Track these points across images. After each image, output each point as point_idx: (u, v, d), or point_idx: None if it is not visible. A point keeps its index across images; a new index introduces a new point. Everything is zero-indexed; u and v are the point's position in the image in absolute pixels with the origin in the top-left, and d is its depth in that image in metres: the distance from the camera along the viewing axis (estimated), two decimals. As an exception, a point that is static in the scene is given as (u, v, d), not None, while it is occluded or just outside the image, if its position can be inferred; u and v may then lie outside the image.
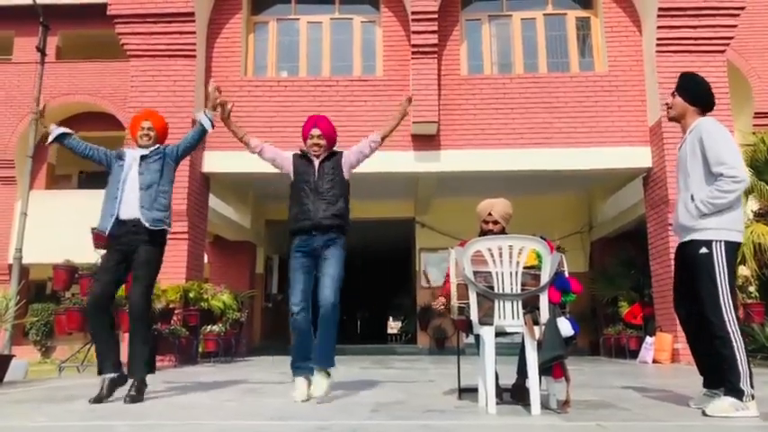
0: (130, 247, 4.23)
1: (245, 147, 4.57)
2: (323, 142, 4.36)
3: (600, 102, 9.96)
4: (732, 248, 3.35)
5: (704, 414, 3.23)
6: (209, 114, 4.64)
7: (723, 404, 3.20)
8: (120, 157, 4.44)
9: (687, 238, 3.45)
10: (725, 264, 3.30)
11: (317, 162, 4.32)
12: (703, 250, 3.33)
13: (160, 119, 4.68)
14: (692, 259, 3.40)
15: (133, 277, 4.25)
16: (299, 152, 4.47)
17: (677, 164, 3.65)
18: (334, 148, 4.50)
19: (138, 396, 3.98)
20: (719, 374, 3.35)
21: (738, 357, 3.19)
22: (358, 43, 10.78)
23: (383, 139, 4.50)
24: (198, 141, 4.71)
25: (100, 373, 4.10)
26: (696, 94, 3.59)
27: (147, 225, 4.23)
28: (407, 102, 4.51)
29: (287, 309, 4.27)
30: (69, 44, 16.07)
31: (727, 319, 3.23)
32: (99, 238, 6.59)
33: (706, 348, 3.45)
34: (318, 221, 4.13)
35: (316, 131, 4.36)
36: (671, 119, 3.69)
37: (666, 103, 3.71)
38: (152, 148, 4.51)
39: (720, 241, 3.31)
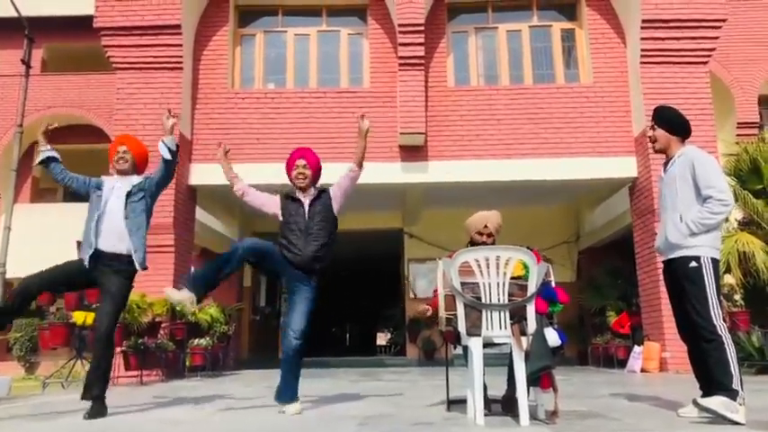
0: (101, 275, 4.21)
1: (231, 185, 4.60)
2: (308, 172, 4.43)
3: (585, 112, 10.05)
4: (717, 264, 3.59)
5: (694, 403, 3.40)
6: (168, 142, 4.45)
7: (715, 400, 3.30)
8: (99, 187, 4.39)
9: (675, 255, 3.64)
10: (712, 275, 3.52)
11: (306, 203, 4.37)
12: (693, 264, 3.54)
13: (137, 144, 4.64)
14: (683, 273, 3.59)
15: (104, 299, 4.22)
16: (285, 194, 4.49)
17: (662, 186, 3.89)
18: (319, 184, 4.56)
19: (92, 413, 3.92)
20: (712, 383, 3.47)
21: (730, 360, 3.38)
22: (345, 55, 10.81)
23: (359, 165, 4.52)
24: (167, 173, 4.53)
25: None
26: (676, 125, 3.81)
27: (137, 266, 4.29)
28: (362, 120, 4.51)
29: (276, 323, 4.27)
30: (54, 57, 15.99)
31: (717, 324, 3.43)
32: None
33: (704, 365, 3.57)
34: (308, 262, 4.19)
35: (301, 162, 4.43)
36: (657, 151, 3.92)
37: (650, 137, 3.94)
38: (135, 183, 4.43)
39: (707, 257, 3.54)
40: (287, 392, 4.10)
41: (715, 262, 3.58)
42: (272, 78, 10.82)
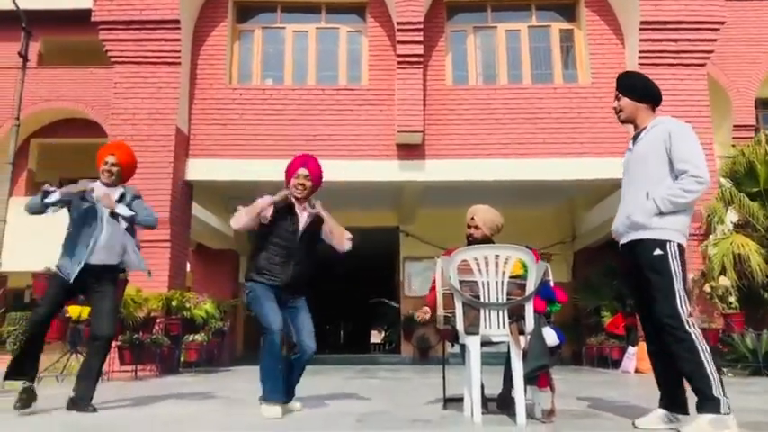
0: (88, 285, 4.15)
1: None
2: (309, 183, 4.14)
3: (583, 113, 10.07)
4: (682, 252, 3.17)
5: None
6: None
7: (700, 424, 2.87)
8: (85, 198, 4.14)
9: (637, 237, 3.21)
10: (678, 265, 3.10)
11: (302, 223, 4.09)
12: (657, 252, 3.12)
13: (127, 153, 4.41)
14: (646, 261, 3.16)
15: (101, 304, 4.14)
16: (283, 199, 4.12)
17: (627, 161, 3.45)
18: (317, 208, 4.17)
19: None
20: (683, 398, 3.18)
21: (705, 361, 2.92)
22: (344, 53, 10.80)
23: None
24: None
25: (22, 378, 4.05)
26: (641, 90, 3.40)
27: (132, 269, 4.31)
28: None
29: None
30: (51, 50, 15.91)
31: (685, 320, 3.01)
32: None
33: (671, 365, 3.17)
34: (287, 284, 4.01)
35: (303, 171, 4.13)
36: (623, 121, 3.48)
37: (614, 108, 3.47)
38: (128, 202, 4.31)
39: (673, 242, 3.13)
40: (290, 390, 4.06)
41: (681, 248, 3.15)
42: (270, 75, 10.81)
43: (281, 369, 3.87)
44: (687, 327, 2.98)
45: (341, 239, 4.23)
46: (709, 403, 2.87)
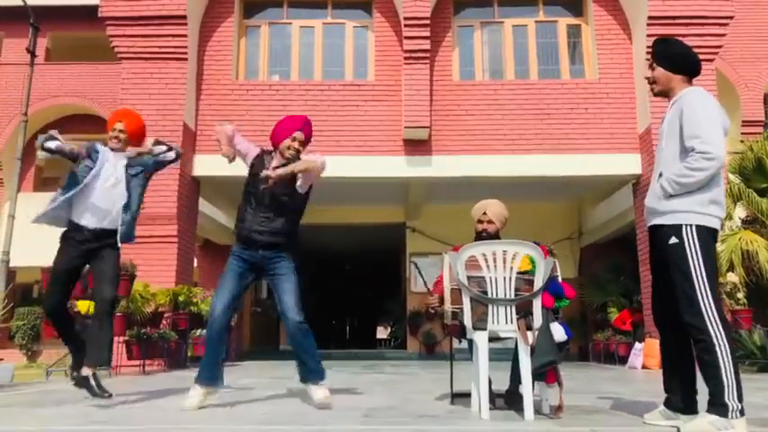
0: (90, 251, 4.17)
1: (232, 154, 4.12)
2: (302, 149, 4.03)
3: (590, 109, 10.03)
4: (706, 234, 2.83)
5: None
6: (177, 149, 4.60)
7: (702, 422, 2.73)
8: (90, 156, 4.22)
9: (653, 222, 3.00)
10: (699, 253, 2.78)
11: (271, 169, 3.88)
12: (673, 240, 2.83)
13: (135, 121, 4.47)
14: (662, 251, 2.93)
15: (103, 269, 4.15)
16: (263, 150, 4.12)
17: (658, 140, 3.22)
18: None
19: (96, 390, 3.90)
20: (689, 398, 3.04)
21: (723, 365, 2.68)
22: (350, 48, 10.79)
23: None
24: (166, 165, 4.64)
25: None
26: (678, 60, 3.05)
27: (121, 241, 4.21)
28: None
29: (277, 316, 4.05)
30: (59, 46, 15.98)
31: (708, 319, 2.72)
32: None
33: (680, 362, 3.07)
34: (259, 235, 3.92)
35: (300, 135, 4.00)
36: (657, 94, 3.16)
37: (647, 78, 3.16)
38: (136, 164, 4.36)
39: (691, 225, 2.82)
40: (311, 371, 3.94)
41: (703, 231, 2.79)
42: (277, 70, 10.81)
43: (214, 353, 3.87)
44: (711, 328, 2.71)
45: (316, 172, 3.90)
46: (717, 407, 2.72)
